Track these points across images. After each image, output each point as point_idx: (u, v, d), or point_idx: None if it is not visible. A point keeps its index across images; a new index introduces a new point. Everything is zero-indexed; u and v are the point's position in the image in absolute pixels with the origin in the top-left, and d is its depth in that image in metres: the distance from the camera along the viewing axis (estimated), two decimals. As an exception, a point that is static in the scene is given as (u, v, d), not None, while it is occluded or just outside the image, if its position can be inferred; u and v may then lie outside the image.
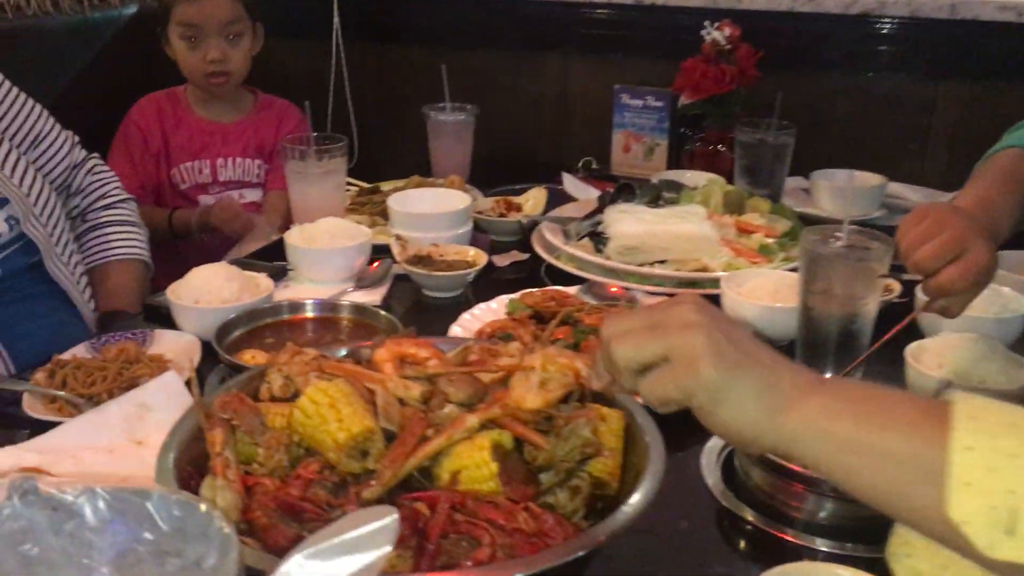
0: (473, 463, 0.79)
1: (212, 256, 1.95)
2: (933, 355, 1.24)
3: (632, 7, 2.31)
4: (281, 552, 0.72)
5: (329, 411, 0.79)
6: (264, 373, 0.95)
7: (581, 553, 0.73)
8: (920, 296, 1.41)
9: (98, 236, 1.73)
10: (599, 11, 2.36)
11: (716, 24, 2.00)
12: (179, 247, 2.19)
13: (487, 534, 0.74)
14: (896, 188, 2.08)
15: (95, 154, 1.83)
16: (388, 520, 0.55)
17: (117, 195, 1.79)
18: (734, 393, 0.68)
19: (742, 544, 1.02)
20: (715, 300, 1.44)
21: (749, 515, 1.02)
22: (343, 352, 1.02)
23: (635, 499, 0.80)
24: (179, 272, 1.44)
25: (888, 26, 2.10)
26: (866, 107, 2.23)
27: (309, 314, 1.38)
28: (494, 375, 0.88)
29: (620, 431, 0.92)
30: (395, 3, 2.54)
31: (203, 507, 0.65)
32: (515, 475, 0.81)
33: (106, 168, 1.83)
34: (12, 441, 1.09)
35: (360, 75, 2.68)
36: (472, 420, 0.81)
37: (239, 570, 0.60)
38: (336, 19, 2.56)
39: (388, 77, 2.70)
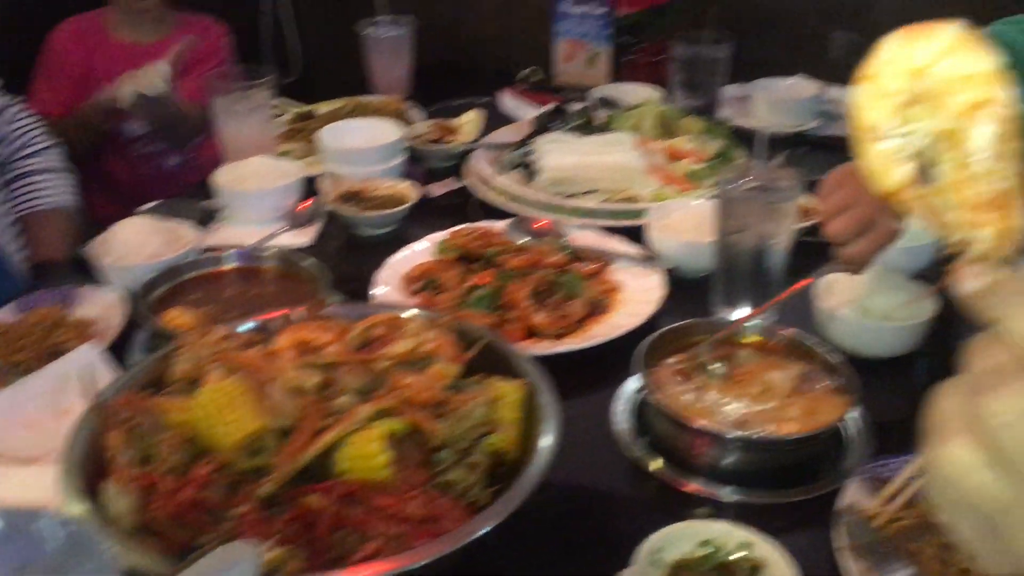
0: (367, 453, 0.82)
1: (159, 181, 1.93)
2: (842, 290, 1.26)
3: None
4: (177, 555, 0.76)
5: (225, 411, 0.81)
6: (174, 353, 0.97)
7: (470, 540, 0.77)
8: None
9: (24, 185, 1.71)
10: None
11: (651, -69, 1.94)
12: (112, 170, 2.17)
13: (377, 526, 0.77)
14: (836, 93, 2.06)
15: (20, 99, 1.78)
16: (247, 560, 0.58)
17: (41, 142, 1.75)
18: None
19: (647, 495, 1.06)
20: (642, 231, 1.46)
21: (656, 465, 1.07)
22: (253, 325, 1.03)
23: (530, 471, 0.84)
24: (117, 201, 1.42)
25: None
26: (808, 8, 2.18)
27: (232, 265, 1.38)
28: (388, 363, 0.90)
29: (519, 402, 0.95)
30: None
31: (90, 528, 0.68)
32: (410, 460, 0.84)
33: (31, 115, 1.79)
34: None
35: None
36: (365, 410, 0.84)
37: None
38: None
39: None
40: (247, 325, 1.04)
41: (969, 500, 0.40)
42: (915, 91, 0.41)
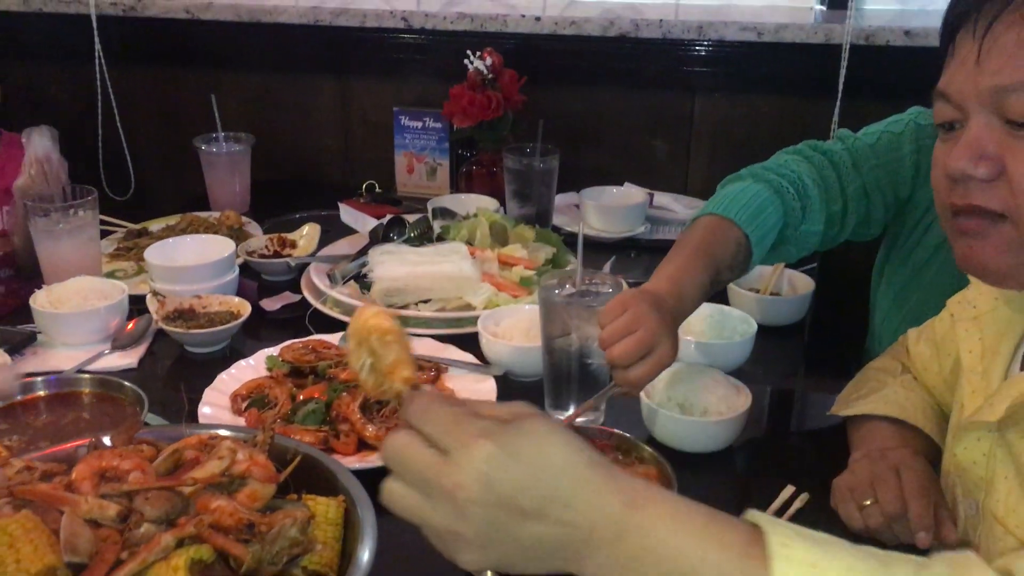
0: (169, 584, 0.79)
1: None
2: (663, 387, 1.31)
3: (403, 30, 2.31)
4: None
5: (7, 552, 0.76)
6: (-35, 490, 0.91)
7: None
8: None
9: None
10: (372, 33, 2.35)
11: (479, 53, 2.03)
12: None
13: (179, 663, 0.74)
14: (663, 199, 2.19)
15: None
16: None
17: None
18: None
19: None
20: (476, 337, 1.48)
21: None
22: (56, 455, 0.99)
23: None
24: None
25: (643, 46, 2.20)
26: (633, 120, 2.33)
27: (43, 392, 1.32)
28: (194, 487, 0.87)
29: (338, 519, 0.93)
30: (160, 26, 2.44)
31: None
32: (217, 587, 0.81)
33: None
34: None
35: (132, 102, 2.56)
36: (168, 539, 0.80)
37: None
38: (97, 43, 2.43)
39: (162, 104, 2.59)
40: (49, 454, 0.99)
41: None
42: (360, 339, 0.76)
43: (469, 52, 2.03)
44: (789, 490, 1.16)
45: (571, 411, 1.32)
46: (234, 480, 0.91)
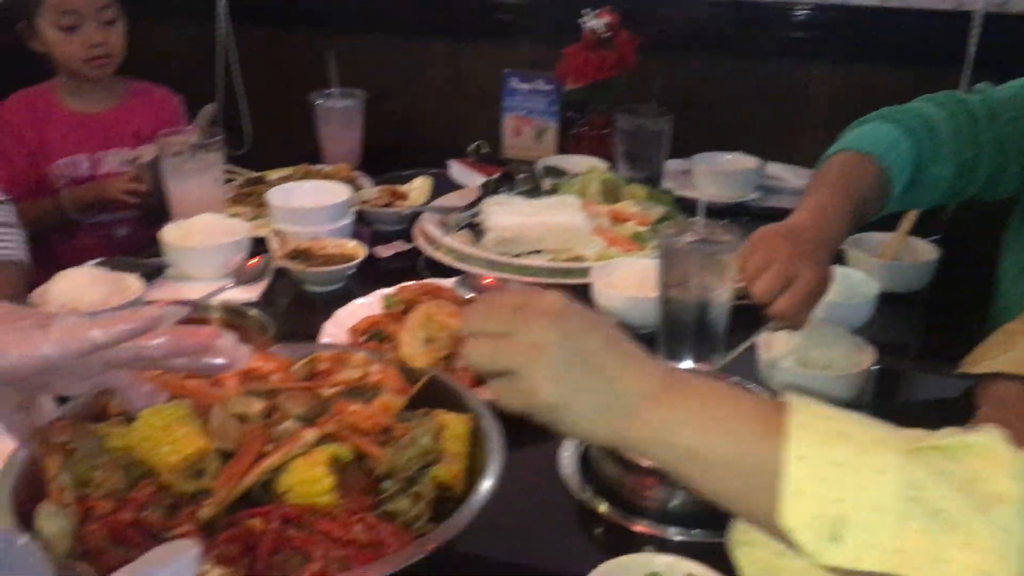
0: (310, 477, 0.81)
1: (105, 248, 1.93)
2: (783, 343, 1.30)
3: (517, -9, 2.32)
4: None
5: (163, 433, 0.80)
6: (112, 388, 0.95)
7: (412, 562, 0.76)
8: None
9: None
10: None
11: (596, 12, 2.03)
12: (67, 242, 2.16)
13: (319, 548, 0.76)
14: (774, 169, 2.15)
15: None
16: (189, 555, 0.57)
17: None
18: (571, 415, 0.71)
19: (595, 535, 1.06)
20: (587, 289, 1.48)
21: (602, 507, 1.07)
22: (196, 363, 1.02)
23: (472, 501, 0.84)
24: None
25: (759, 11, 2.16)
26: (746, 90, 2.29)
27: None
28: (334, 389, 0.90)
29: (465, 435, 0.95)
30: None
31: (22, 541, 0.66)
32: (353, 486, 0.83)
33: None
34: None
35: (249, 60, 2.63)
36: (309, 435, 0.83)
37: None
38: (222, 2, 2.51)
39: (279, 62, 2.66)
40: (190, 362, 1.02)
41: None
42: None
43: (586, 10, 2.03)
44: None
45: (687, 362, 1.31)
46: (367, 390, 0.94)
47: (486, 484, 0.86)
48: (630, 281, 1.48)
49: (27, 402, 0.79)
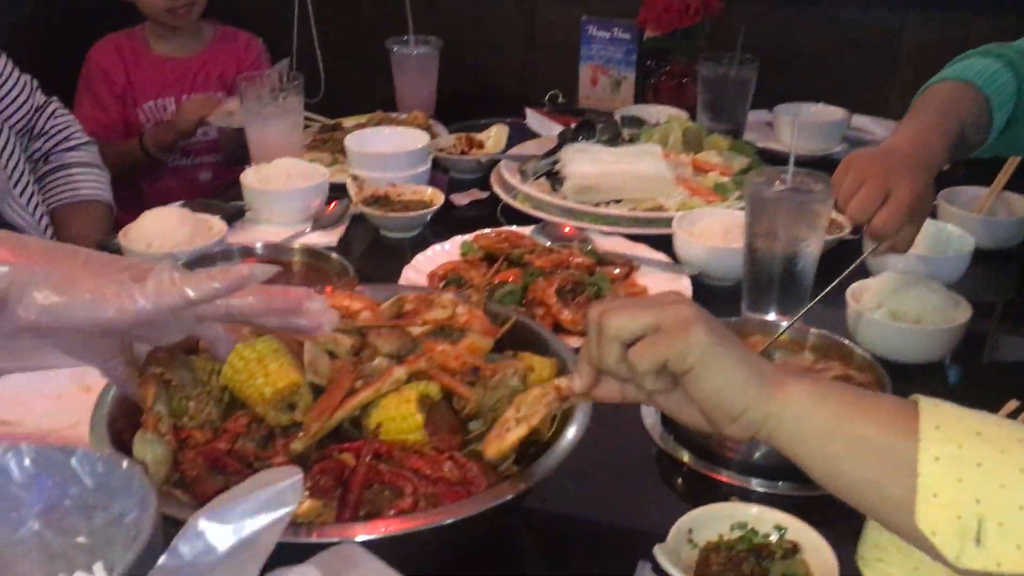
0: (399, 414, 0.81)
1: (187, 191, 1.96)
2: (873, 295, 1.26)
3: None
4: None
5: (256, 366, 0.80)
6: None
7: (502, 501, 0.76)
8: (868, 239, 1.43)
9: (61, 177, 1.75)
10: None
11: (680, -45, 1.97)
12: (152, 183, 2.20)
13: (410, 483, 0.76)
14: (861, 121, 2.08)
15: (54, 97, 1.81)
16: (291, 480, 0.57)
17: (79, 138, 1.79)
18: (724, 358, 0.69)
19: (678, 485, 1.04)
20: (669, 239, 1.46)
21: (685, 456, 1.05)
22: (283, 301, 1.03)
23: (559, 446, 0.83)
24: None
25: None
26: (832, 38, 2.21)
27: (260, 257, 1.38)
28: (423, 328, 0.89)
29: (551, 379, 0.94)
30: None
31: (125, 464, 0.67)
32: (442, 425, 0.83)
33: (67, 112, 1.83)
34: (-37, 389, 1.09)
35: (326, 7, 2.63)
36: (400, 372, 0.83)
37: (156, 523, 0.62)
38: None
39: (355, 9, 2.65)
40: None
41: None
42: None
43: (670, -45, 1.97)
44: (1012, 405, 1.08)
45: (771, 315, 1.28)
46: (454, 331, 0.93)
47: (573, 429, 0.85)
48: (713, 231, 1.44)
49: (123, 351, 0.80)
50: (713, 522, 0.88)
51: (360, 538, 0.70)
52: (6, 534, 0.71)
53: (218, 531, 0.56)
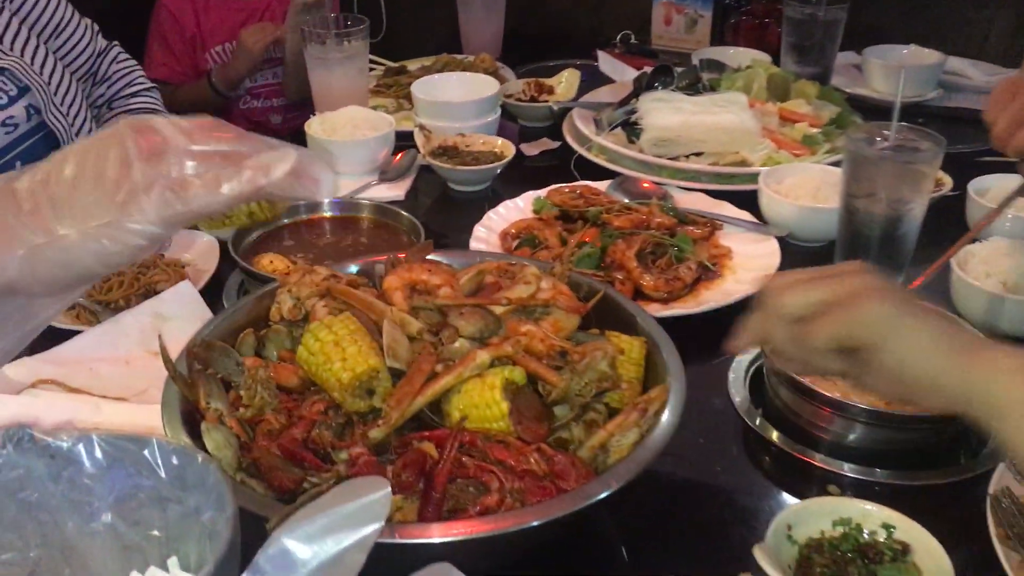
0: (483, 401, 0.76)
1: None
2: (980, 262, 1.17)
3: None
4: (286, 494, 0.71)
5: (333, 350, 0.76)
6: (275, 293, 0.92)
7: (594, 500, 0.71)
8: (973, 193, 1.33)
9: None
10: None
11: None
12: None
13: (496, 479, 0.72)
14: (956, 64, 1.94)
15: (116, 42, 1.77)
16: (380, 494, 0.53)
17: (142, 83, 1.75)
18: (907, 328, 0.65)
19: (767, 468, 0.99)
20: (754, 196, 1.37)
21: (775, 436, 0.99)
22: (355, 269, 0.98)
23: (653, 438, 0.77)
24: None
25: None
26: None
27: (328, 214, 1.34)
28: (505, 308, 0.84)
29: (640, 360, 0.88)
30: None
31: (200, 458, 0.63)
32: (527, 413, 0.78)
33: (129, 57, 1.78)
34: (32, 350, 1.07)
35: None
36: (483, 357, 0.78)
37: (234, 527, 0.58)
38: None
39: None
40: (351, 267, 0.99)
41: None
42: None
43: None
44: None
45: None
46: (537, 308, 0.88)
47: (667, 417, 0.79)
48: (803, 189, 1.36)
49: None
50: (814, 518, 0.82)
51: (445, 539, 0.66)
52: (80, 525, 0.69)
53: (303, 549, 0.52)
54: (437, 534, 0.66)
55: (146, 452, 0.66)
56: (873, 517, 0.82)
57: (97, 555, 0.68)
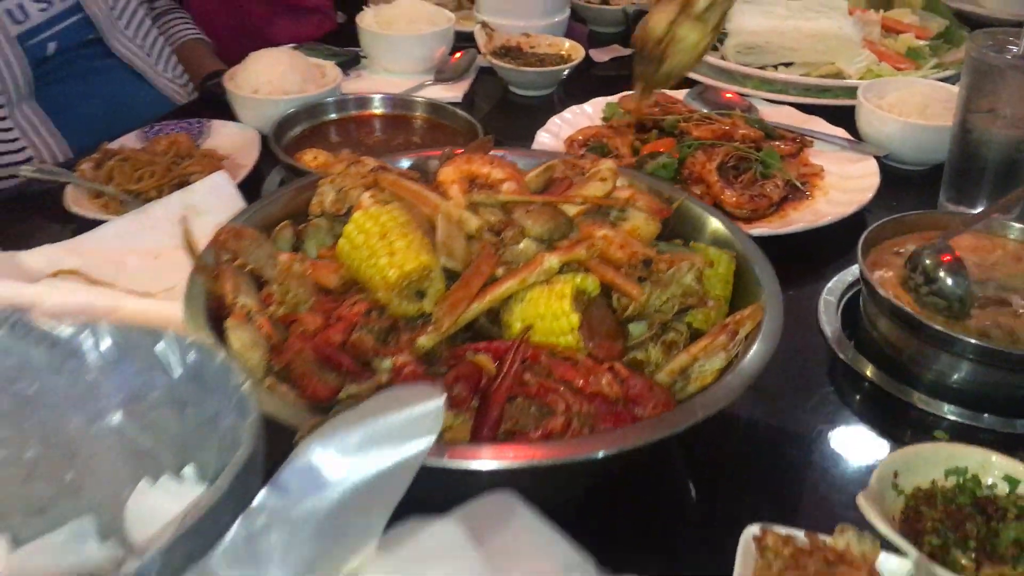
0: (550, 312, 0.66)
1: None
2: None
3: None
4: (320, 404, 0.62)
5: (379, 243, 0.65)
6: (316, 184, 0.82)
7: (675, 431, 0.60)
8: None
9: (174, 18, 1.65)
10: None
11: None
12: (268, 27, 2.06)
13: (562, 400, 0.61)
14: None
15: None
16: (432, 404, 0.43)
17: None
18: None
19: (858, 407, 0.87)
20: (849, 112, 1.23)
21: (870, 372, 0.88)
22: (407, 163, 0.87)
23: (743, 367, 0.66)
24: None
25: None
26: None
27: (379, 111, 1.23)
28: (581, 207, 0.72)
29: (729, 276, 0.77)
30: None
31: (220, 357, 0.54)
32: (600, 328, 0.67)
33: None
34: (53, 239, 0.99)
35: None
36: (552, 260, 0.67)
37: (257, 436, 0.49)
38: None
39: None
40: (402, 162, 0.88)
41: None
42: None
43: None
44: None
45: (979, 207, 1.06)
46: (614, 209, 0.76)
47: (759, 347, 0.68)
48: (908, 105, 1.21)
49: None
50: (924, 465, 0.71)
51: (500, 465, 0.56)
52: (84, 425, 0.60)
53: (336, 464, 0.42)
54: (492, 457, 0.56)
55: (159, 346, 0.57)
56: (992, 467, 0.70)
57: (104, 459, 0.59)
